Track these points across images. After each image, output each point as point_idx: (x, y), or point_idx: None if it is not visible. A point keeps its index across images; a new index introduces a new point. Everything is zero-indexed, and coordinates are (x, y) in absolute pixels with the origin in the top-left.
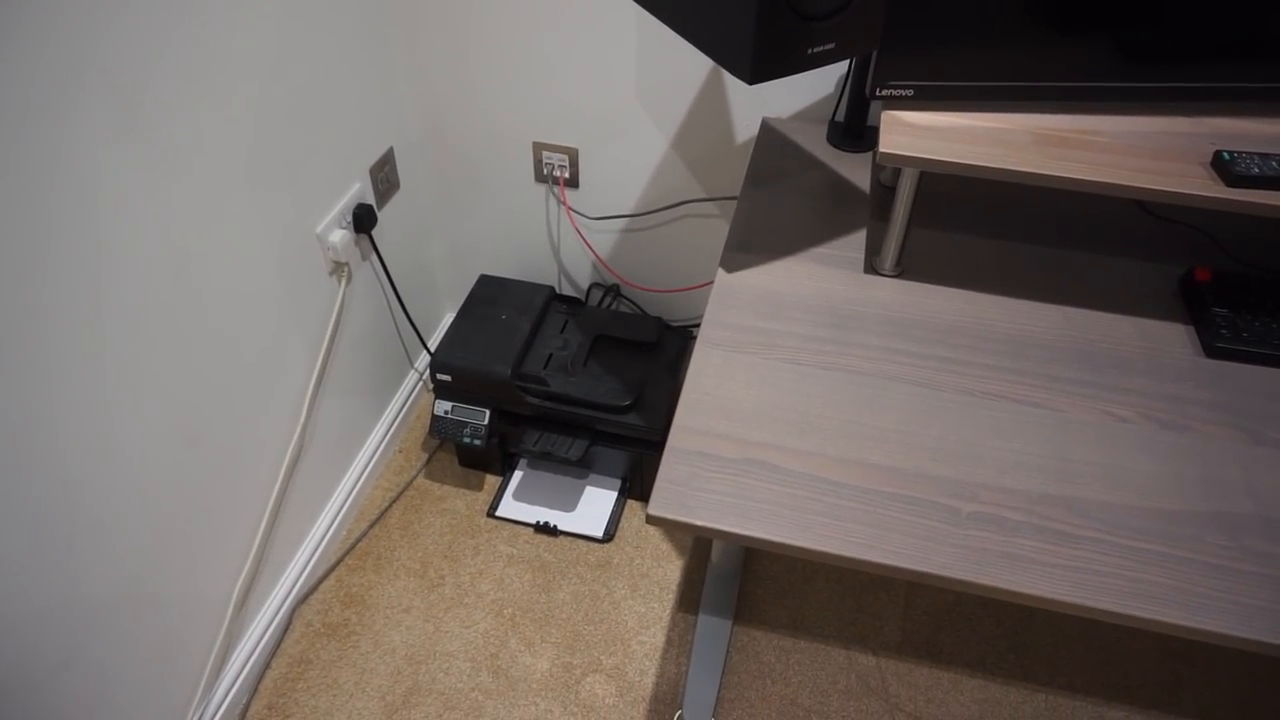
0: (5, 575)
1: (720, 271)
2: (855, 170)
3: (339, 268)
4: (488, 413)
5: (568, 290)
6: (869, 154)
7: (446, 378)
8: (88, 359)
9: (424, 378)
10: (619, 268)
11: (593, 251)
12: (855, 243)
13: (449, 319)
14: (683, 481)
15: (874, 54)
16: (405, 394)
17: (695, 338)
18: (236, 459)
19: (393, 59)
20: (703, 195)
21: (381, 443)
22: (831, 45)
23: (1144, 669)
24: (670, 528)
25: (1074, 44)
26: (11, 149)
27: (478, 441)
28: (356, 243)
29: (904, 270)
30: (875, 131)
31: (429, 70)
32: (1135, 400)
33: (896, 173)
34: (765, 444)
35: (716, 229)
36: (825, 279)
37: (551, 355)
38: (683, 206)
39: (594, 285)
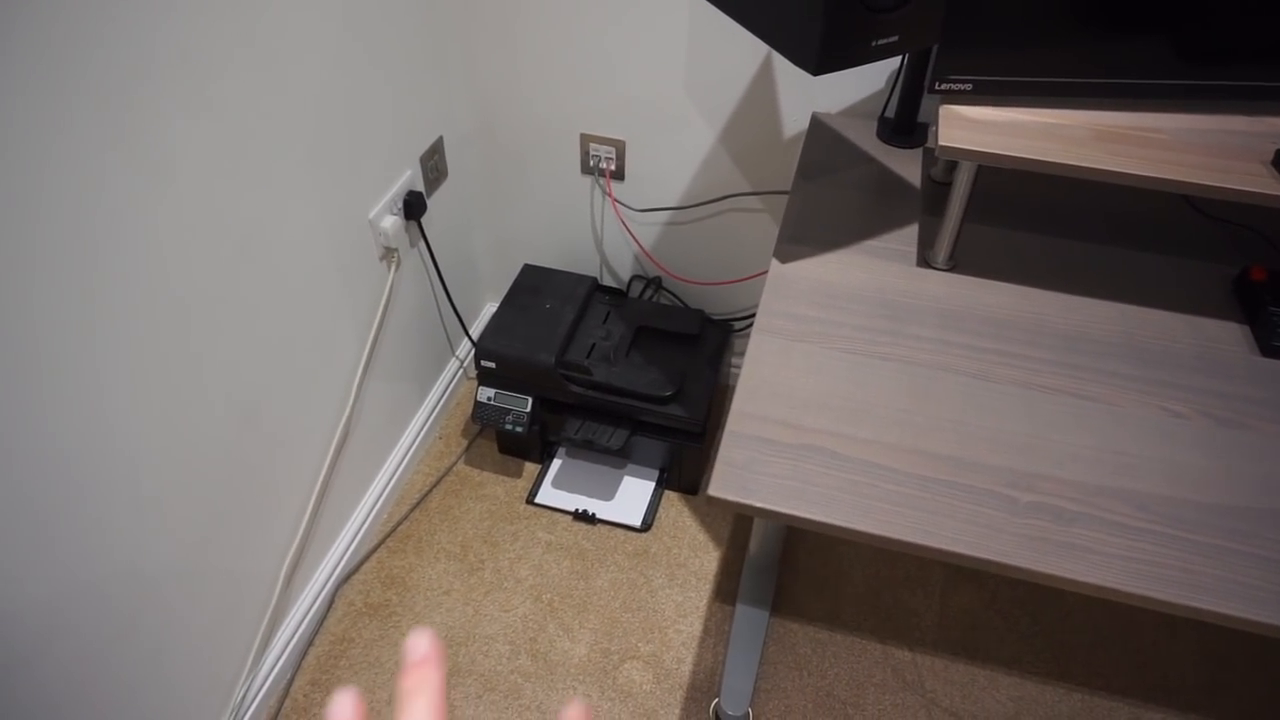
0: (71, 545)
1: (774, 262)
2: (905, 165)
3: (389, 253)
4: (530, 400)
5: (609, 281)
6: (919, 150)
7: (491, 365)
8: (156, 335)
9: (465, 365)
10: (662, 260)
11: (637, 243)
12: (907, 236)
13: (490, 309)
14: (742, 464)
15: (934, 48)
16: (447, 381)
17: (736, 331)
18: (287, 439)
19: (445, 49)
20: (749, 189)
21: (423, 428)
22: (895, 38)
23: (1182, 671)
24: (731, 509)
25: (1133, 41)
26: (93, 124)
27: (519, 429)
28: (406, 229)
29: (956, 264)
30: (925, 127)
31: (480, 61)
32: (1191, 397)
33: (949, 168)
34: (822, 430)
35: (761, 223)
36: (878, 271)
37: (594, 345)
38: (728, 200)
39: (635, 277)
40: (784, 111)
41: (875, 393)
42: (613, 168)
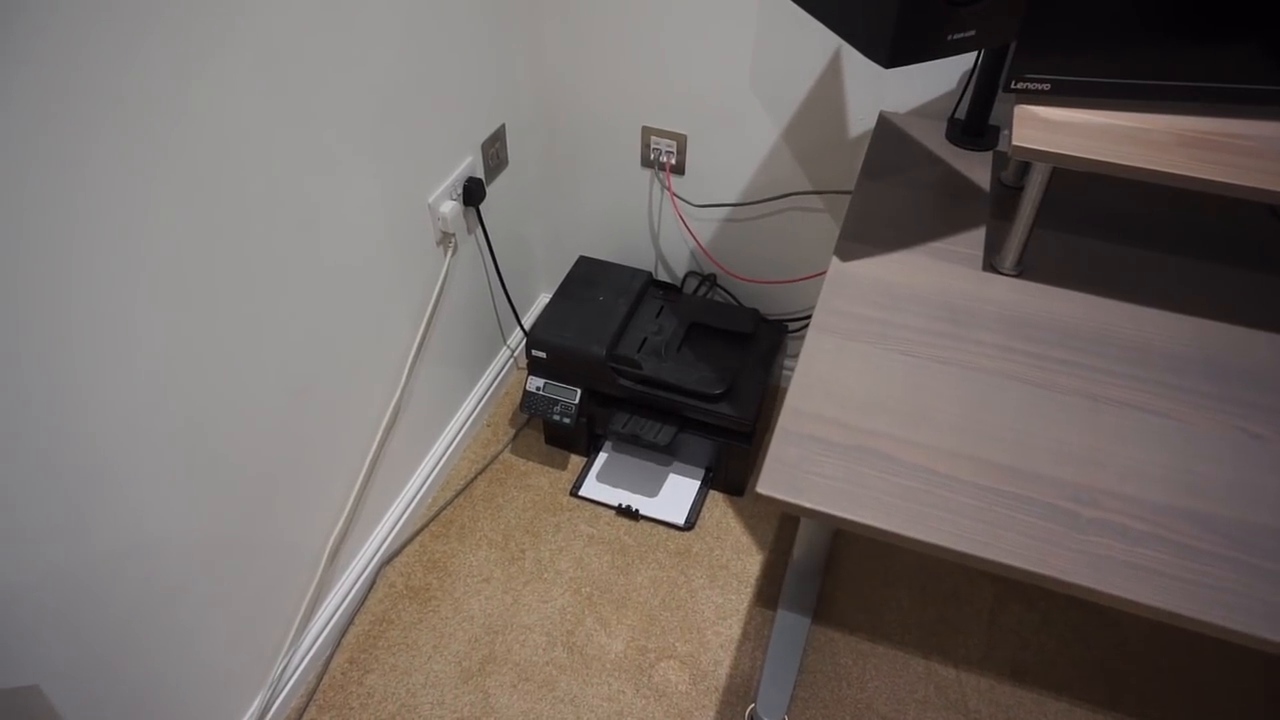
0: (130, 504)
1: (834, 259)
2: (974, 168)
3: (447, 238)
4: (579, 392)
5: (664, 276)
6: (989, 153)
7: (541, 354)
8: (217, 307)
9: (515, 355)
10: (719, 256)
11: (694, 238)
12: (973, 240)
13: (543, 299)
14: (794, 462)
15: (1011, 45)
16: (496, 369)
17: (791, 333)
18: (339, 416)
19: (511, 37)
20: (810, 188)
21: (471, 415)
22: (972, 32)
23: (1245, 710)
24: (779, 508)
25: (1220, 44)
26: (165, 99)
27: (567, 420)
28: (465, 215)
29: (1024, 270)
30: (997, 130)
31: (545, 50)
32: (1270, 418)
33: (1020, 171)
34: (878, 432)
35: (822, 223)
36: (942, 274)
37: (646, 339)
38: (789, 199)
39: (690, 273)
40: (850, 110)
41: (933, 397)
42: (673, 162)
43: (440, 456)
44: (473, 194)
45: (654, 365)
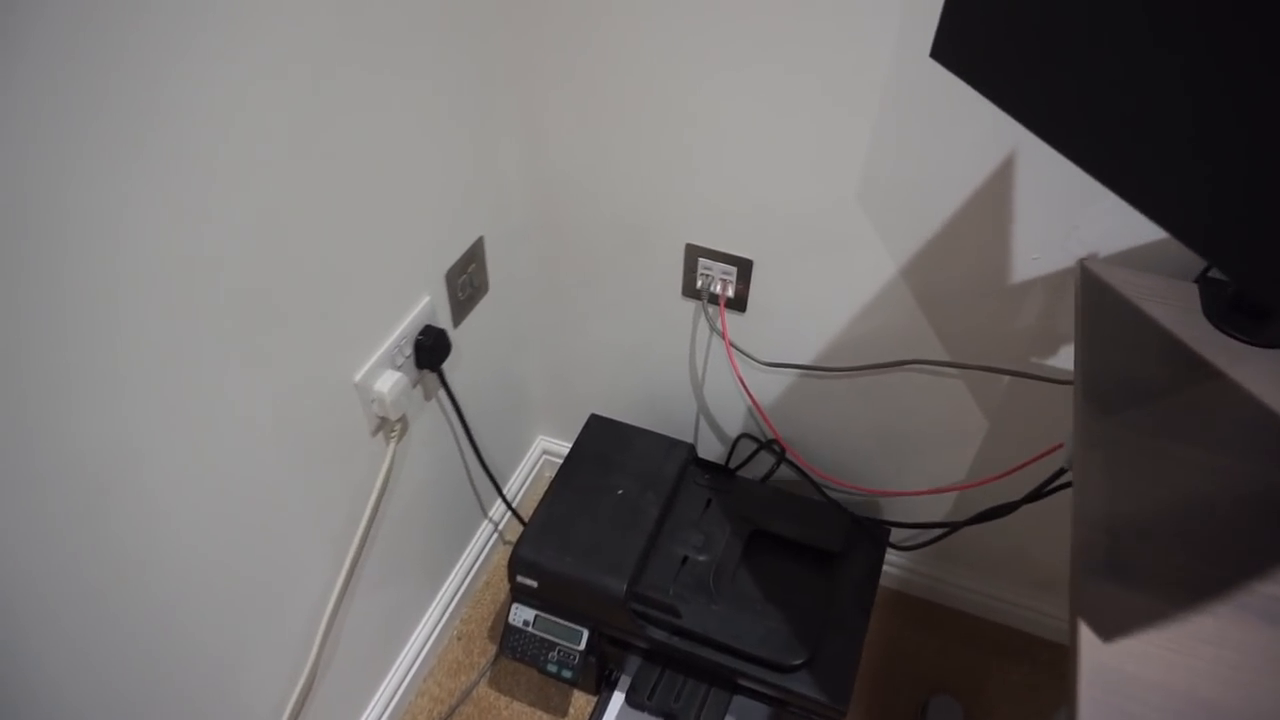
0: None
1: (1084, 632)
2: (1265, 379)
3: (387, 424)
4: (585, 633)
5: (711, 449)
6: None
7: (531, 583)
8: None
9: (500, 529)
10: (792, 436)
11: (753, 401)
12: None
13: (543, 443)
14: None
15: None
16: (474, 556)
17: (901, 547)
18: None
19: (494, 115)
20: (945, 357)
21: (435, 629)
22: None
23: None
24: None
25: None
26: None
27: (567, 673)
28: (420, 380)
29: None
30: None
31: (547, 131)
32: None
33: None
34: None
35: (953, 395)
36: None
37: (686, 559)
38: (906, 367)
39: (745, 436)
40: (1020, 243)
41: None
42: (730, 293)
43: (387, 704)
44: (429, 352)
45: (698, 610)
